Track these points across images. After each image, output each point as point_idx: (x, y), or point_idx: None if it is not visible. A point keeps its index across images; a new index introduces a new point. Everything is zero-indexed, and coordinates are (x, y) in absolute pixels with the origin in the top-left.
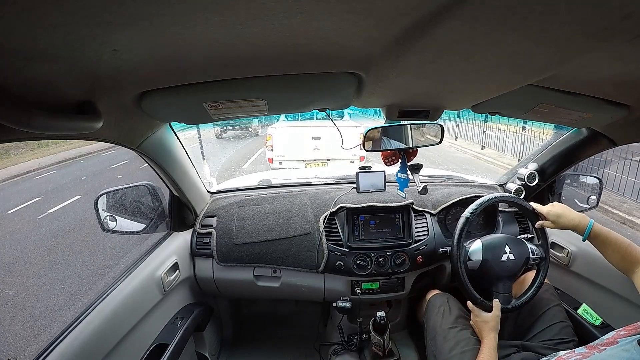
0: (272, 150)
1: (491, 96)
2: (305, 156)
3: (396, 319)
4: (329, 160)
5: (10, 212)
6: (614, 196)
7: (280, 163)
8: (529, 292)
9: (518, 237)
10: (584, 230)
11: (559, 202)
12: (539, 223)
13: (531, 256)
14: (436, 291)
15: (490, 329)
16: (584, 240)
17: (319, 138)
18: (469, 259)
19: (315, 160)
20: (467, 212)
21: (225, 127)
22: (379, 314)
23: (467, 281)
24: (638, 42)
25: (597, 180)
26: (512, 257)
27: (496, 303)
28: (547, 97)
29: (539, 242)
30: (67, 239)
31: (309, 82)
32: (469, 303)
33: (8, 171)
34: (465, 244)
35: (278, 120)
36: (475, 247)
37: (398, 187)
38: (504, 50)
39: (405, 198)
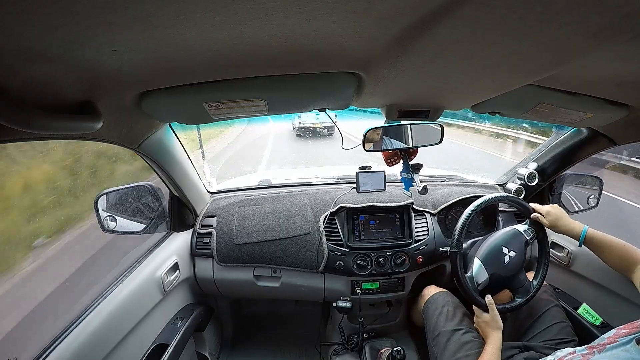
0: None
1: (491, 96)
2: None
3: (396, 319)
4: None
5: None
6: None
7: None
8: (538, 277)
9: (510, 228)
10: (578, 236)
11: (559, 202)
12: (534, 215)
13: (527, 238)
14: (433, 287)
15: (492, 328)
16: (580, 246)
17: None
18: (478, 284)
19: None
20: (464, 216)
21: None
22: (395, 349)
23: (467, 283)
24: (638, 41)
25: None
26: (512, 254)
27: (488, 299)
28: (547, 97)
29: (526, 221)
30: None
31: (309, 82)
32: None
33: None
34: (466, 269)
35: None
36: (477, 268)
37: (403, 187)
38: (504, 50)
39: (411, 197)
